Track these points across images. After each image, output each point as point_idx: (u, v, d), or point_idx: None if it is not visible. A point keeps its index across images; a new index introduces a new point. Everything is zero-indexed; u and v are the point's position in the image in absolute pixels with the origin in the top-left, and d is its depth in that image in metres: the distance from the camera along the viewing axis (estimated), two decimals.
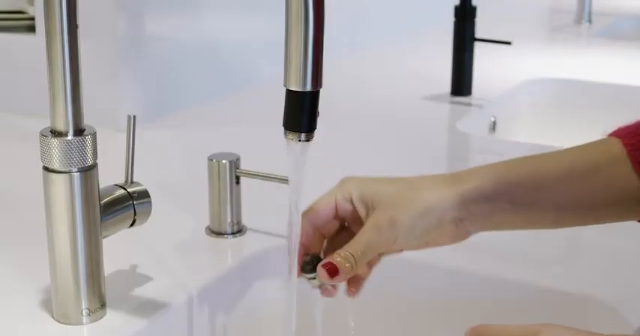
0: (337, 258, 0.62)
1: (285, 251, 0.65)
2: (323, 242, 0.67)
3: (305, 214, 0.65)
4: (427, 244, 0.65)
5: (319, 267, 0.63)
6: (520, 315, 0.81)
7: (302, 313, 0.70)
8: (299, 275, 0.65)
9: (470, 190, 0.62)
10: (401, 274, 0.85)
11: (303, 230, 0.64)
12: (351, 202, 0.65)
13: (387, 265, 0.86)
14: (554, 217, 0.64)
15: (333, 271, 0.62)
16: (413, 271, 0.84)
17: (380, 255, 0.67)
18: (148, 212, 0.74)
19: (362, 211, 0.64)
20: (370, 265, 0.67)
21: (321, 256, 0.67)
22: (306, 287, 0.67)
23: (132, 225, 0.73)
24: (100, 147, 0.67)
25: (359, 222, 0.66)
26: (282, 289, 0.86)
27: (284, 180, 0.82)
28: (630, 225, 0.91)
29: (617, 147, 0.62)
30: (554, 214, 0.63)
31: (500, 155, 1.20)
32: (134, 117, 0.70)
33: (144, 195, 0.73)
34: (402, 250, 0.67)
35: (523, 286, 0.80)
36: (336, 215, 0.66)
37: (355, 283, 0.67)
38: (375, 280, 0.86)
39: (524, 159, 0.64)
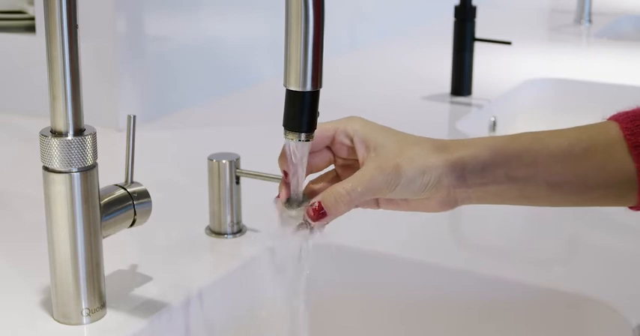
0: (329, 197, 0.62)
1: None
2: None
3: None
4: (416, 205, 0.65)
5: (308, 208, 0.62)
6: (520, 315, 0.81)
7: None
8: (283, 207, 0.64)
9: (469, 157, 0.63)
10: (401, 274, 0.85)
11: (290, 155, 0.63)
12: (351, 139, 0.64)
13: (386, 264, 0.86)
14: (547, 195, 0.64)
15: (321, 210, 0.62)
16: (413, 271, 0.84)
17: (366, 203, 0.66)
18: (148, 212, 0.74)
19: (361, 152, 0.64)
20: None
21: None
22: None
23: (132, 225, 0.73)
24: (100, 147, 0.67)
25: (349, 165, 0.66)
26: (282, 289, 0.86)
27: None
28: (630, 225, 0.92)
29: (615, 130, 0.62)
30: (547, 192, 0.63)
31: None
32: (134, 117, 0.70)
33: (144, 195, 0.73)
34: (388, 204, 0.66)
35: (523, 286, 0.80)
36: (330, 145, 0.65)
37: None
38: (376, 279, 0.86)
39: (522, 134, 0.65)
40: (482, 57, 1.50)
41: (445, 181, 0.63)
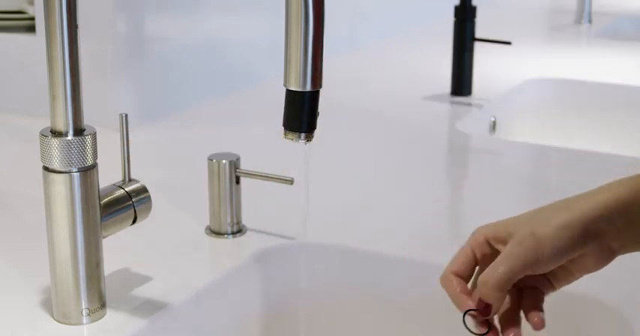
0: (485, 293, 0.60)
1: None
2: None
3: (447, 272, 0.64)
4: (573, 268, 0.63)
5: (467, 316, 0.61)
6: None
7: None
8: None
9: (609, 199, 0.60)
10: (401, 274, 0.85)
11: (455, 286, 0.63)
12: (489, 244, 0.63)
13: (386, 264, 0.86)
14: None
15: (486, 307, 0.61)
16: (413, 271, 0.84)
17: (524, 286, 0.63)
18: (149, 208, 0.73)
19: (503, 248, 0.62)
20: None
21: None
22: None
23: (134, 222, 0.73)
24: (100, 147, 0.67)
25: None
26: (281, 289, 0.86)
27: (284, 180, 0.82)
28: None
29: None
30: None
31: (499, 155, 1.20)
32: (126, 116, 0.70)
33: (142, 191, 0.73)
34: (550, 279, 0.64)
35: None
36: (477, 263, 0.64)
37: (512, 321, 0.63)
38: (376, 279, 0.86)
39: None
40: (482, 57, 1.50)
41: (592, 229, 0.60)
